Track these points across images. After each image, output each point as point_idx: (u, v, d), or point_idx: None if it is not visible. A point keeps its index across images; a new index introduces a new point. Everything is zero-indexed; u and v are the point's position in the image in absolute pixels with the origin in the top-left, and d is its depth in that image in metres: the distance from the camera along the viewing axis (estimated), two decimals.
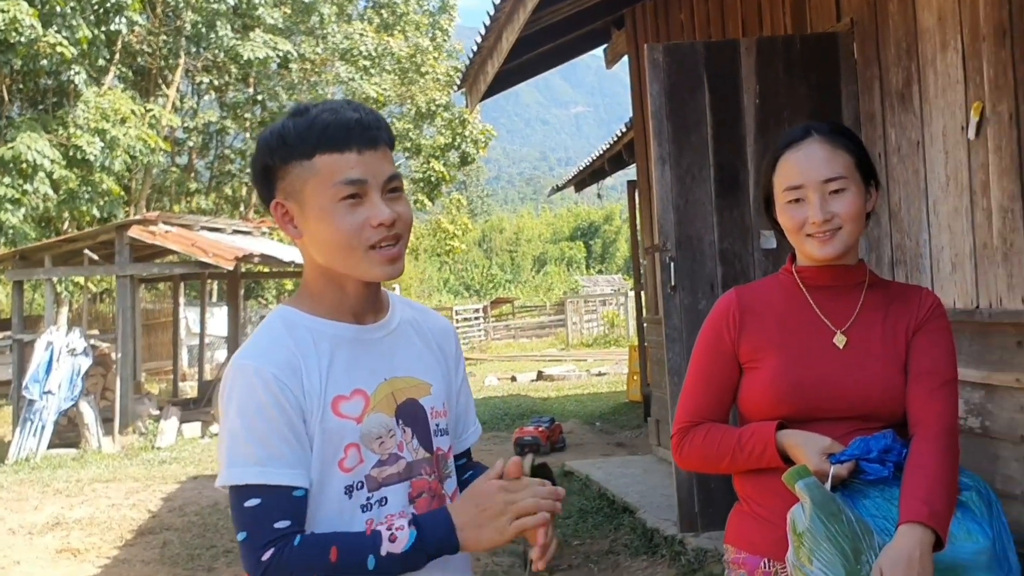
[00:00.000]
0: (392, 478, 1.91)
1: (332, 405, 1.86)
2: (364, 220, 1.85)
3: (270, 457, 1.80)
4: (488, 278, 62.18)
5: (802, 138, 2.34)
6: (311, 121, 1.86)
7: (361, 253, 1.86)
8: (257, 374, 1.82)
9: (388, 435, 1.91)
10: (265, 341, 1.88)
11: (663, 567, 6.29)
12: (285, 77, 28.96)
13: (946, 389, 2.28)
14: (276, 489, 1.79)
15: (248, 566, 1.79)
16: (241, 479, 1.79)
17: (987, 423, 4.59)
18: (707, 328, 2.46)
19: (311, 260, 1.95)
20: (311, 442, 1.84)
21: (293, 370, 1.84)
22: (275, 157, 1.89)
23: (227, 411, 1.84)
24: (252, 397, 1.81)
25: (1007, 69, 4.33)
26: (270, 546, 1.77)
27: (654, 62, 5.91)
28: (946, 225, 4.85)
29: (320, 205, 1.85)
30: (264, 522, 1.78)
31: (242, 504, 1.79)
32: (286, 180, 1.88)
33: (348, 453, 1.87)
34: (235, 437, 1.82)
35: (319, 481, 1.85)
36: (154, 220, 15.60)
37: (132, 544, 8.41)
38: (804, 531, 2.07)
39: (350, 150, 1.84)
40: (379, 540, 1.80)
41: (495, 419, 14.99)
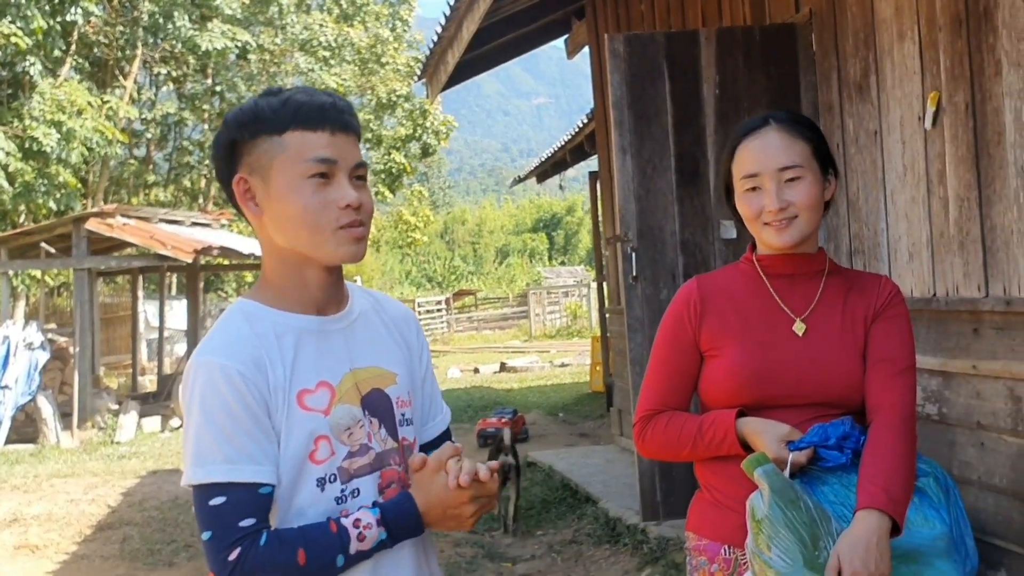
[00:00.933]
0: (363, 469, 1.90)
1: (297, 399, 1.84)
2: (332, 200, 1.84)
3: (236, 455, 1.77)
4: (450, 270, 62.07)
5: (760, 127, 2.35)
6: (285, 99, 1.85)
7: (329, 232, 1.85)
8: (221, 370, 1.79)
9: (357, 426, 1.90)
10: (227, 336, 1.85)
11: (625, 556, 6.31)
12: (244, 68, 28.71)
13: (904, 376, 2.30)
14: (241, 487, 1.77)
15: (214, 566, 1.77)
16: (207, 477, 1.77)
17: (944, 410, 4.63)
18: (668, 317, 2.46)
19: (271, 248, 1.92)
20: (278, 437, 1.82)
21: (257, 365, 1.81)
22: (244, 131, 1.86)
23: (190, 409, 1.81)
24: (216, 394, 1.78)
25: (963, 59, 4.37)
26: (236, 545, 1.75)
27: (615, 52, 5.91)
28: (903, 214, 4.89)
29: (287, 181, 1.83)
30: (229, 521, 1.76)
31: (207, 503, 1.77)
32: (252, 155, 1.86)
33: (319, 446, 1.85)
34: (200, 435, 1.79)
35: (290, 476, 1.83)
36: (112, 213, 15.43)
37: (91, 540, 8.34)
38: (763, 518, 2.08)
39: (323, 130, 1.84)
40: (347, 539, 1.81)
41: (458, 411, 14.98)
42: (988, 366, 4.31)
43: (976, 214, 4.34)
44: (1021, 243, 4.07)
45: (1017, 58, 4.03)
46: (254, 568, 1.75)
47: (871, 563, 2.03)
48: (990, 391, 4.32)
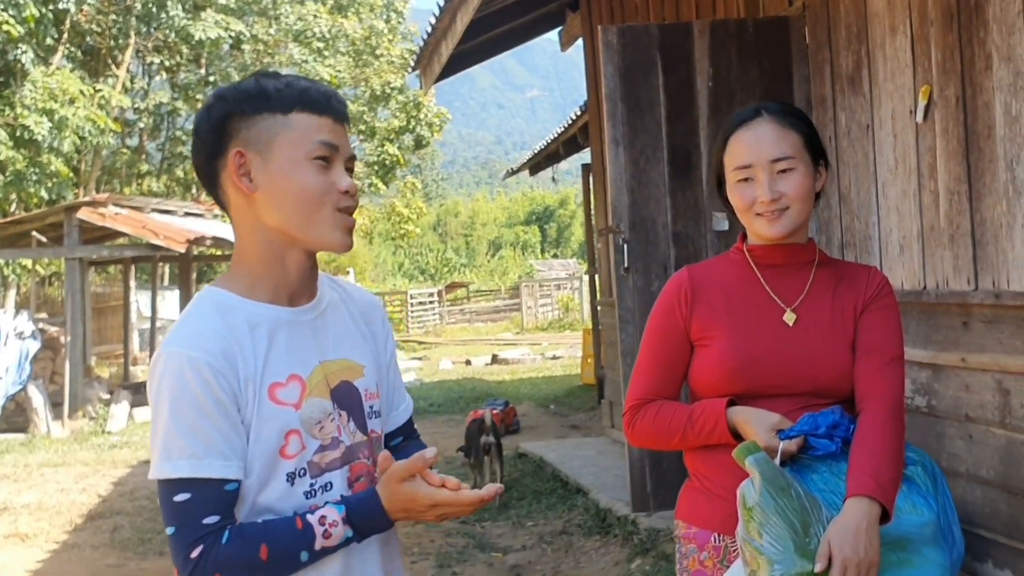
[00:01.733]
0: (334, 463, 1.89)
1: (269, 392, 1.81)
2: (331, 183, 1.84)
3: (203, 450, 1.75)
4: (443, 262, 62.05)
5: (752, 118, 2.36)
6: (289, 82, 1.85)
7: (328, 212, 1.84)
8: (189, 362, 1.75)
9: (327, 419, 1.88)
10: (196, 326, 1.81)
11: (616, 547, 6.34)
12: (237, 58, 28.66)
13: (893, 366, 2.32)
14: (207, 483, 1.75)
15: (177, 561, 1.76)
16: (173, 473, 1.74)
17: (933, 402, 4.66)
18: (659, 306, 2.47)
19: (253, 230, 1.88)
20: (247, 431, 1.80)
21: (227, 357, 1.78)
22: (245, 106, 1.84)
23: (158, 401, 1.77)
24: (184, 387, 1.75)
25: (954, 53, 4.39)
26: (199, 543, 1.73)
27: (608, 44, 5.92)
28: (894, 207, 4.91)
29: (291, 159, 1.82)
30: (193, 518, 1.74)
31: (172, 499, 1.75)
32: (252, 130, 1.83)
33: (289, 440, 1.82)
34: (167, 429, 1.75)
35: (260, 470, 1.81)
36: (104, 202, 15.40)
37: (82, 529, 8.35)
38: (754, 505, 2.09)
39: (327, 115, 1.85)
40: (312, 536, 1.79)
41: (450, 402, 15.01)
42: (977, 359, 4.33)
43: (966, 207, 4.36)
44: (1010, 236, 4.09)
45: (1007, 52, 4.05)
46: (216, 565, 1.73)
47: (860, 549, 2.05)
48: (979, 384, 4.35)
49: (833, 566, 2.04)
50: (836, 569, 2.04)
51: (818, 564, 2.04)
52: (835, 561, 2.04)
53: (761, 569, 2.07)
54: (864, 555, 2.05)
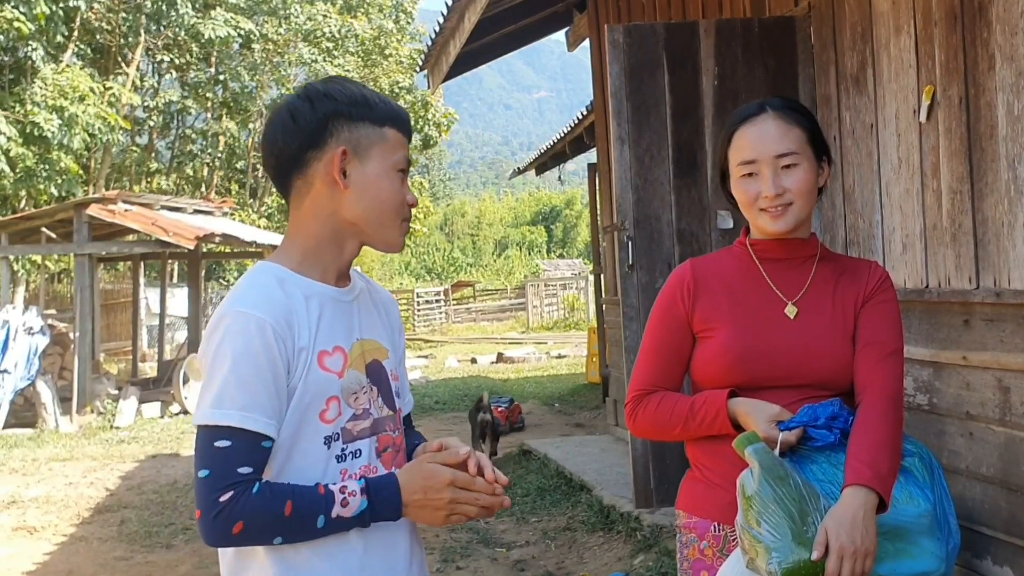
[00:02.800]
0: (364, 432, 2.03)
1: (318, 359, 1.96)
2: (404, 195, 2.07)
3: (252, 404, 1.87)
4: (449, 261, 62.06)
5: (756, 113, 2.39)
6: (381, 97, 2.07)
7: (398, 220, 2.06)
8: (256, 323, 1.89)
9: (361, 391, 2.03)
10: (260, 293, 1.95)
11: (619, 543, 6.38)
12: (247, 57, 28.73)
13: (892, 359, 2.35)
14: (249, 435, 1.87)
15: (203, 504, 1.85)
16: (221, 420, 1.86)
17: (934, 400, 4.69)
18: (662, 299, 2.51)
19: (323, 216, 2.04)
20: (292, 394, 1.93)
21: (288, 324, 1.93)
22: (351, 109, 2.01)
23: (219, 353, 1.89)
24: (247, 344, 1.88)
25: (958, 53, 4.42)
26: (230, 488, 1.83)
27: (614, 43, 5.95)
28: (898, 206, 4.94)
29: (383, 168, 2.02)
30: (229, 464, 1.85)
31: (212, 443, 1.86)
32: (354, 133, 2.01)
33: (329, 405, 1.97)
34: (224, 380, 1.87)
35: (296, 431, 1.94)
36: (113, 199, 15.44)
37: (89, 522, 8.40)
38: (753, 494, 2.12)
39: (407, 136, 2.09)
40: (332, 502, 1.90)
41: (455, 400, 15.04)
42: (978, 357, 4.36)
43: (968, 207, 4.39)
44: (1011, 235, 4.12)
45: (1010, 52, 4.08)
46: (242, 512, 1.83)
47: (857, 537, 2.07)
48: (979, 382, 4.38)
49: (830, 554, 2.07)
50: (833, 557, 2.07)
51: (815, 552, 2.07)
52: (832, 549, 2.07)
53: (759, 557, 2.10)
54: (861, 544, 2.08)
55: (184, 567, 6.84)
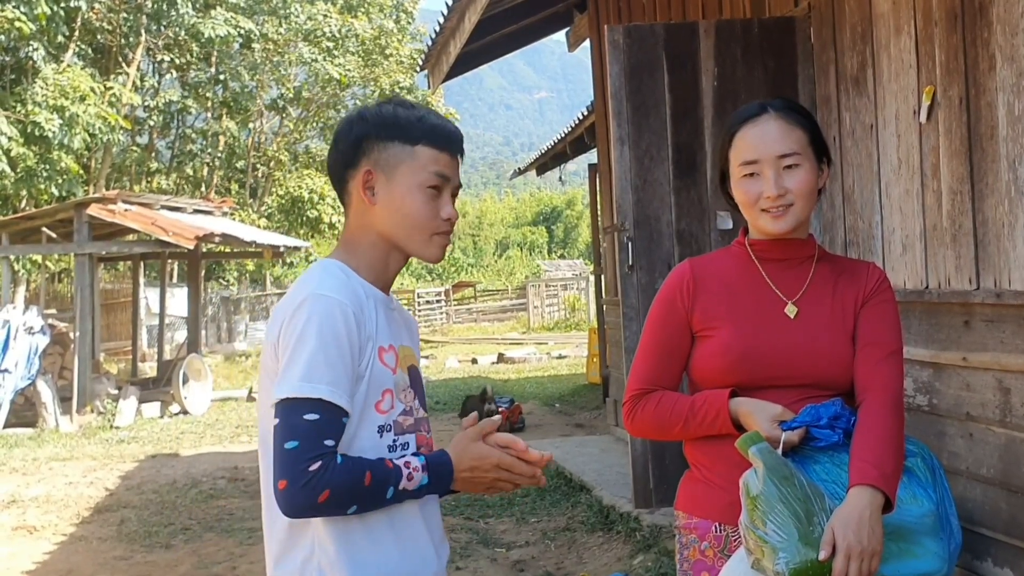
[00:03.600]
0: (410, 428, 2.17)
1: (379, 353, 2.11)
2: (437, 210, 2.16)
3: (337, 381, 2.00)
4: (450, 262, 62.02)
5: (758, 114, 2.39)
6: (420, 117, 2.16)
7: (428, 234, 2.16)
8: (339, 306, 2.03)
9: (407, 391, 2.18)
10: (337, 281, 2.09)
11: (619, 543, 6.37)
12: (247, 57, 28.74)
13: (893, 359, 2.35)
14: (335, 409, 1.99)
15: (291, 473, 1.95)
16: (313, 392, 1.97)
17: (934, 400, 4.69)
18: (661, 298, 2.50)
19: (366, 230, 2.19)
20: (359, 381, 2.06)
21: (363, 312, 2.08)
22: (381, 131, 2.15)
23: (304, 332, 2.01)
24: (333, 325, 2.01)
25: (958, 54, 4.41)
26: (319, 459, 1.95)
27: (614, 43, 5.95)
28: (898, 207, 4.94)
29: (409, 184, 2.13)
30: (318, 436, 1.97)
31: (301, 416, 1.97)
32: (383, 153, 2.14)
33: (384, 397, 2.11)
34: (313, 356, 1.99)
35: (359, 416, 2.07)
36: (113, 199, 15.45)
37: (89, 522, 8.40)
38: (758, 495, 2.12)
39: (446, 151, 2.17)
40: (400, 476, 2.04)
41: (455, 400, 15.03)
42: (978, 358, 4.35)
43: (968, 207, 4.38)
44: (1012, 236, 4.12)
45: (1011, 53, 4.07)
46: (330, 481, 1.95)
47: (864, 537, 2.07)
48: (979, 383, 4.37)
49: (837, 554, 2.07)
50: (840, 557, 2.06)
51: (822, 552, 2.07)
52: (839, 549, 2.07)
53: (766, 558, 2.09)
54: (868, 543, 2.08)
55: (183, 567, 6.84)
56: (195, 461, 11.25)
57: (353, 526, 2.05)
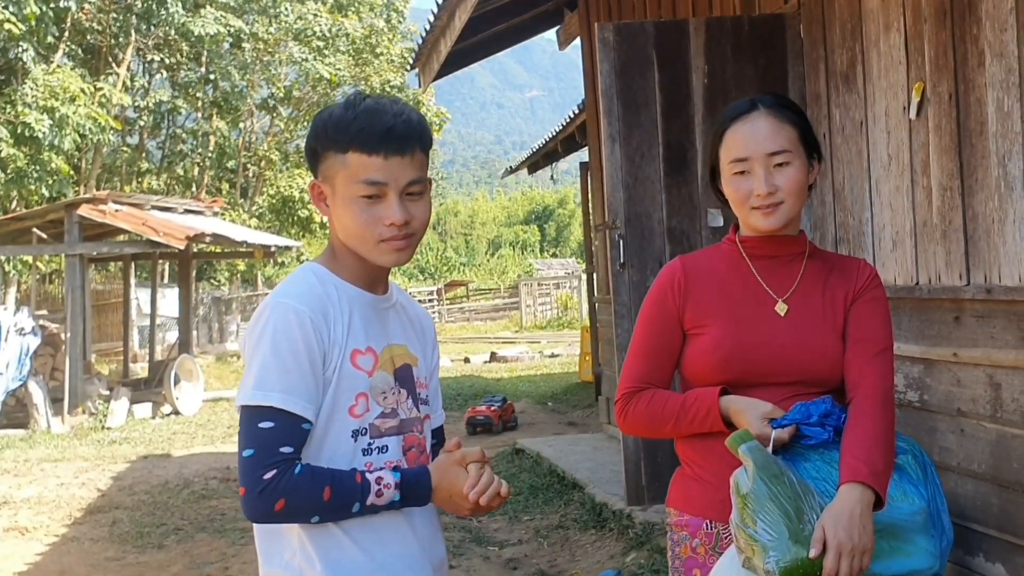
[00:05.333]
0: (391, 430, 2.14)
1: (351, 356, 2.08)
2: (378, 218, 2.07)
3: (293, 388, 1.99)
4: (443, 261, 62.09)
5: (748, 111, 2.38)
6: (352, 119, 2.06)
7: (372, 244, 2.09)
8: (295, 313, 2.02)
9: (390, 391, 2.15)
10: (302, 287, 2.09)
11: (611, 540, 6.38)
12: (237, 56, 28.67)
13: (883, 356, 2.35)
14: (290, 416, 1.99)
15: (247, 481, 1.97)
16: (264, 400, 1.98)
17: (925, 397, 4.69)
18: (652, 296, 2.50)
19: (334, 234, 2.17)
20: (327, 387, 2.05)
21: (325, 317, 2.05)
22: (319, 142, 2.11)
23: (260, 340, 2.02)
24: (289, 333, 2.01)
25: (947, 50, 4.42)
26: (274, 467, 1.96)
27: (604, 41, 5.95)
28: (888, 203, 4.94)
29: (344, 195, 2.08)
30: (273, 444, 1.97)
31: (256, 424, 1.98)
32: (325, 164, 2.10)
33: (358, 401, 2.09)
34: (265, 363, 2.00)
35: (328, 421, 2.06)
36: (104, 199, 15.42)
37: (81, 523, 8.38)
38: (748, 493, 2.12)
39: (377, 154, 2.05)
40: (367, 491, 2.02)
41: (448, 399, 15.02)
42: (968, 353, 4.36)
43: (959, 203, 4.39)
44: (1002, 232, 4.13)
45: (1000, 48, 4.08)
46: (285, 490, 1.95)
47: (855, 535, 2.07)
48: (970, 378, 4.38)
49: (828, 551, 2.06)
50: (831, 554, 2.06)
51: (813, 550, 2.07)
52: (830, 546, 2.06)
53: (756, 556, 2.09)
54: (858, 541, 2.08)
55: (175, 567, 6.83)
56: (187, 462, 11.23)
57: (331, 526, 2.05)
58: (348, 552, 2.07)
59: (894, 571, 2.22)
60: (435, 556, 2.23)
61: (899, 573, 2.23)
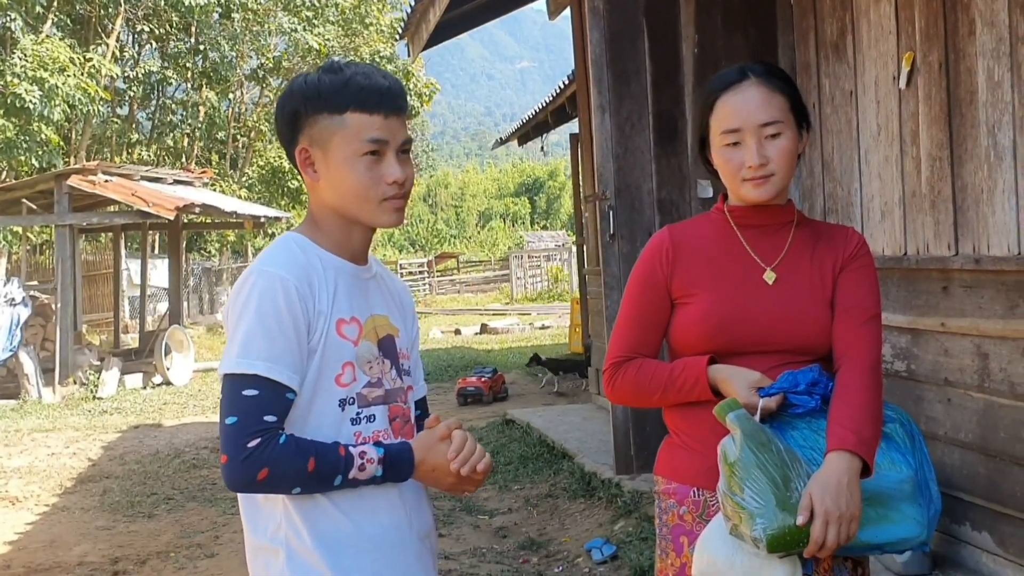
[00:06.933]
0: (377, 399, 2.14)
1: (337, 326, 2.07)
2: (380, 176, 2.08)
3: (278, 356, 1.98)
4: (433, 233, 62.00)
5: (739, 80, 2.35)
6: (347, 80, 2.06)
7: (375, 203, 2.09)
8: (280, 282, 2.01)
9: (375, 361, 2.15)
10: (286, 256, 2.08)
11: (600, 509, 6.41)
12: (227, 27, 28.49)
13: (871, 324, 2.35)
14: (275, 385, 1.98)
15: (231, 449, 1.95)
16: (249, 368, 1.97)
17: (912, 366, 4.72)
18: (640, 265, 2.49)
19: (322, 205, 2.15)
20: (312, 356, 2.04)
21: (309, 286, 2.04)
22: (307, 105, 2.08)
23: (245, 308, 2.01)
24: (272, 300, 2.00)
25: (938, 19, 4.41)
26: (257, 435, 1.95)
27: (594, 10, 5.93)
28: (877, 174, 4.95)
29: (344, 156, 2.06)
30: (257, 412, 1.96)
31: (240, 392, 1.97)
32: (314, 128, 2.08)
33: (345, 370, 2.08)
34: (250, 331, 1.99)
35: (314, 391, 2.05)
36: (94, 169, 15.36)
37: (71, 492, 8.40)
38: (735, 461, 2.12)
39: (378, 113, 2.06)
40: (350, 465, 2.02)
41: (439, 370, 15.07)
42: (956, 323, 4.38)
43: (948, 173, 4.40)
44: (991, 201, 4.14)
45: (991, 17, 4.08)
46: (269, 459, 1.94)
47: (842, 502, 2.08)
48: (957, 348, 4.40)
49: (815, 519, 2.07)
50: (818, 522, 2.06)
51: (800, 517, 2.07)
52: (817, 514, 2.07)
53: (743, 523, 2.09)
54: (846, 508, 2.08)
55: (166, 536, 6.85)
56: (178, 431, 11.25)
57: (317, 496, 2.05)
58: (335, 522, 2.06)
59: (881, 539, 2.22)
60: (422, 526, 2.23)
61: (886, 541, 2.23)
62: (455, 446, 2.11)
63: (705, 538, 2.26)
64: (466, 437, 2.14)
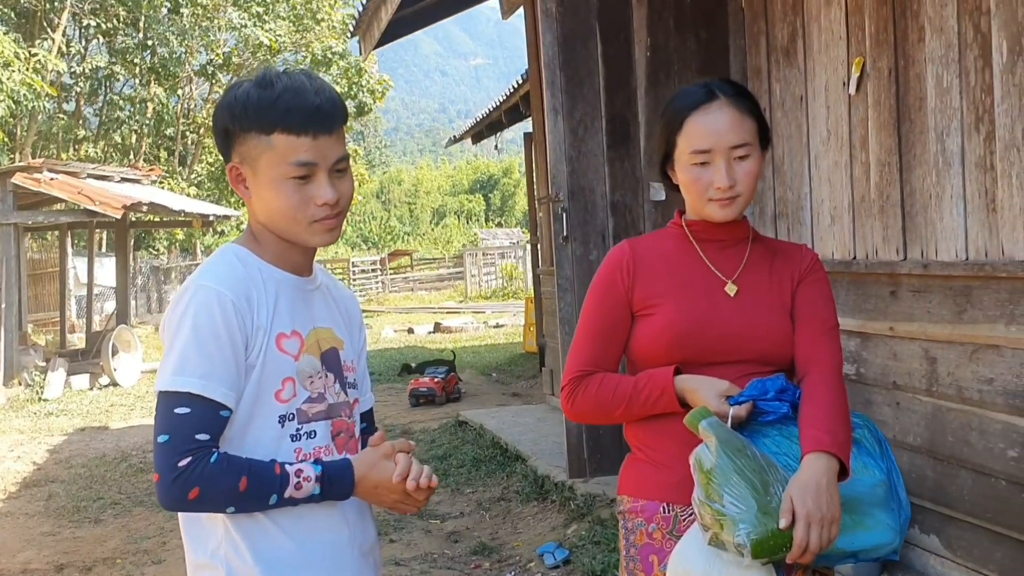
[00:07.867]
0: (319, 415, 2.10)
1: (276, 340, 2.04)
2: (310, 198, 2.02)
3: (212, 374, 1.94)
4: (386, 230, 61.83)
5: (708, 100, 2.36)
6: (275, 99, 1.98)
7: (304, 225, 2.04)
8: (218, 296, 1.96)
9: (317, 376, 2.11)
10: (225, 270, 2.03)
11: (553, 512, 6.40)
12: (176, 22, 28.21)
13: (832, 333, 2.39)
14: (208, 403, 1.93)
15: (162, 467, 1.91)
16: (182, 386, 1.93)
17: (862, 370, 4.74)
18: (599, 278, 2.48)
19: (254, 217, 2.11)
20: (250, 371, 2.00)
21: (248, 301, 2.00)
22: (236, 123, 2.02)
23: (181, 323, 1.96)
24: (208, 316, 1.95)
25: (888, 25, 4.44)
26: (189, 454, 1.90)
27: (547, 12, 5.91)
28: (826, 179, 4.97)
29: (271, 177, 2.01)
30: (188, 430, 1.91)
31: (172, 409, 1.93)
32: (244, 146, 2.02)
33: (285, 386, 2.05)
34: (185, 348, 1.94)
35: (253, 407, 2.02)
36: (39, 167, 15.14)
37: (16, 497, 8.27)
38: (712, 468, 2.10)
39: (306, 135, 1.99)
40: (286, 484, 1.98)
41: (391, 371, 15.00)
42: (905, 327, 4.41)
43: (896, 178, 4.43)
44: (939, 207, 4.17)
45: (940, 24, 4.10)
46: (199, 479, 1.90)
47: (823, 505, 2.08)
48: (906, 352, 4.43)
49: (797, 521, 2.06)
50: (801, 524, 2.06)
51: (782, 520, 2.06)
52: (799, 517, 2.06)
53: (725, 531, 2.07)
54: (827, 510, 2.08)
55: (113, 542, 6.76)
56: (125, 434, 11.11)
57: (257, 514, 2.01)
58: (276, 540, 2.03)
59: (856, 546, 2.22)
60: (365, 541, 2.20)
61: (861, 548, 2.23)
62: (399, 470, 2.08)
63: (679, 552, 2.23)
64: (411, 461, 2.10)
